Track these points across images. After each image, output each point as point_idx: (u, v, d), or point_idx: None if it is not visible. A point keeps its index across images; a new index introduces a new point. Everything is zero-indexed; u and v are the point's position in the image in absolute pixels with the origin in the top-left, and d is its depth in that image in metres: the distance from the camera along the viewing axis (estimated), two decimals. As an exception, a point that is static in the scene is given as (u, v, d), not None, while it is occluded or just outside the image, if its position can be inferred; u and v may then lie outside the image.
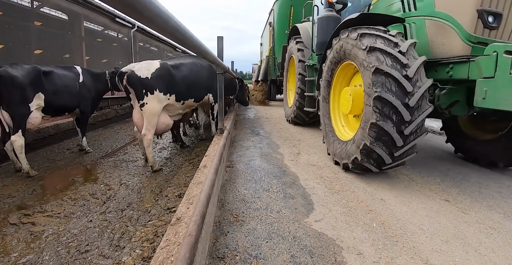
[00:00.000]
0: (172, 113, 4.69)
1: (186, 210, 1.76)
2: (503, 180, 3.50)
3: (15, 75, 3.88)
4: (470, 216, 2.50)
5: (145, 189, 3.71)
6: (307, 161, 4.09)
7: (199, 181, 2.30)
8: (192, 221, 1.43)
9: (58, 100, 4.57)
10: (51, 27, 9.21)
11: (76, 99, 4.96)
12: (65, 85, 4.73)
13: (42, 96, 4.26)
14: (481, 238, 2.13)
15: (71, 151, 5.53)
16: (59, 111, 4.76)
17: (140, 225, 2.77)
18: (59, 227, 2.79)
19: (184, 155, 5.24)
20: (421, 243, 2.00)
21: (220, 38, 3.97)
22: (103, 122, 8.33)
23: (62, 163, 4.77)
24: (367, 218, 2.37)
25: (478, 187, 3.24)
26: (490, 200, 2.87)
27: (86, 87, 5.21)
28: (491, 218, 2.48)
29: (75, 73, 5.06)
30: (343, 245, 1.94)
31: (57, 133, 6.12)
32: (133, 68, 4.11)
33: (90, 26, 11.08)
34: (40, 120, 4.36)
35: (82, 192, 3.60)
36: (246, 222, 2.24)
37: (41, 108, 4.31)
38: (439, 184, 3.28)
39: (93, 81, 5.44)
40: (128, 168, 4.53)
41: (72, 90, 4.86)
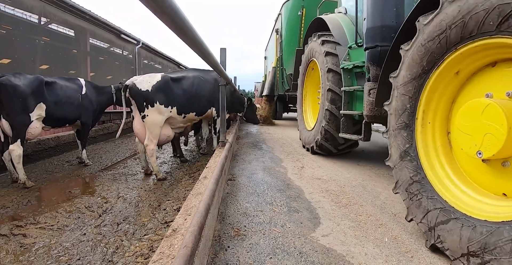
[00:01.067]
0: (173, 126, 4.66)
1: (183, 222, 1.63)
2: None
3: (17, 84, 3.85)
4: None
5: (143, 203, 3.57)
6: (311, 174, 3.96)
7: (198, 192, 2.17)
8: (189, 232, 1.30)
9: (60, 111, 4.53)
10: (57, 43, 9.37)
11: (78, 111, 4.92)
12: (67, 97, 4.70)
13: (43, 107, 4.21)
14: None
15: (70, 163, 5.43)
16: (60, 122, 4.71)
17: (136, 239, 2.61)
18: (50, 239, 2.65)
19: (185, 169, 5.11)
20: (438, 259, 1.84)
21: (223, 49, 3.95)
22: (104, 136, 8.27)
23: (60, 175, 4.66)
24: (377, 232, 2.21)
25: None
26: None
27: (89, 100, 5.18)
28: None
29: (78, 85, 5.05)
30: (354, 261, 1.78)
31: (57, 145, 6.05)
32: (135, 81, 4.20)
33: (95, 43, 11.27)
34: (40, 131, 4.29)
35: (77, 205, 3.46)
36: (248, 237, 2.09)
37: (41, 119, 4.26)
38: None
39: (96, 94, 5.43)
40: (127, 181, 4.41)
41: (74, 102, 4.83)
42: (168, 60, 19.82)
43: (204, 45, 1.53)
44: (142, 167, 4.74)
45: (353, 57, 4.29)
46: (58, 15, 8.24)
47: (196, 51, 1.56)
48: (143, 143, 4.32)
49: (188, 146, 7.25)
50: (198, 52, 1.61)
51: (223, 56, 3.90)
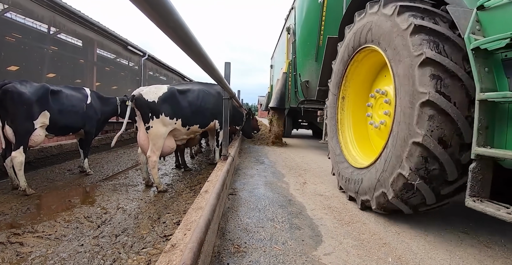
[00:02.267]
0: (177, 138, 4.67)
1: (183, 237, 1.60)
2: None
3: (23, 92, 3.89)
4: (493, 250, 2.28)
5: (143, 215, 3.52)
6: (313, 190, 3.91)
7: (199, 206, 2.14)
8: (188, 248, 1.27)
9: (64, 119, 4.56)
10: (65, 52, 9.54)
11: (82, 120, 4.94)
12: (72, 105, 4.74)
13: (47, 115, 4.24)
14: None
15: (72, 172, 5.41)
16: (63, 130, 4.73)
17: (134, 252, 2.56)
18: (47, 249, 2.60)
19: (186, 181, 5.07)
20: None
21: (228, 64, 4.00)
22: (107, 145, 8.27)
23: (61, 184, 4.64)
24: (381, 252, 2.16)
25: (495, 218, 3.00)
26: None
27: (93, 109, 5.21)
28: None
29: (83, 95, 5.09)
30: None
31: (59, 153, 6.05)
32: (141, 92, 4.22)
33: (102, 53, 11.46)
34: (43, 138, 4.30)
35: (77, 214, 3.42)
36: (249, 254, 2.04)
37: (45, 127, 4.28)
38: (456, 215, 3.06)
39: (100, 104, 5.47)
40: (128, 192, 4.37)
41: (79, 111, 4.86)
42: (173, 72, 20.05)
43: (208, 59, 1.54)
44: (143, 178, 4.71)
45: (494, 25, 2.01)
46: (67, 25, 8.42)
47: (201, 65, 1.57)
48: (146, 154, 4.32)
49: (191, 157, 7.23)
50: (203, 66, 1.62)
51: (227, 70, 3.94)
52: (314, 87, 7.07)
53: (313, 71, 7.57)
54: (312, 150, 8.68)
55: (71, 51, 9.79)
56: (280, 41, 11.74)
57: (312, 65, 7.68)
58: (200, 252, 1.39)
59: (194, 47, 1.25)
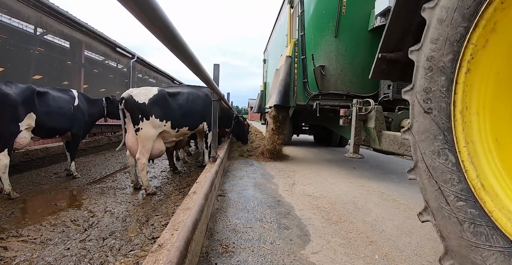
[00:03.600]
0: (166, 140, 4.64)
1: (170, 237, 1.59)
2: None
3: (8, 93, 3.81)
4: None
5: (131, 218, 3.49)
6: (302, 191, 3.93)
7: (187, 207, 2.14)
8: (174, 247, 1.27)
9: (50, 122, 4.47)
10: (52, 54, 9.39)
11: (69, 123, 4.87)
12: (59, 107, 4.66)
13: (33, 117, 4.16)
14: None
15: (58, 175, 5.31)
16: (50, 133, 4.64)
17: (121, 255, 2.54)
18: (32, 253, 2.55)
19: (175, 184, 5.04)
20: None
21: (216, 65, 4.00)
22: (94, 148, 8.16)
23: (47, 187, 4.55)
24: (368, 250, 2.19)
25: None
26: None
27: (81, 111, 5.14)
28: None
29: (70, 96, 5.02)
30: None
31: (45, 156, 5.94)
32: (132, 93, 4.17)
33: (90, 55, 11.31)
34: (28, 141, 4.22)
35: (63, 218, 3.37)
36: (237, 253, 2.05)
37: (31, 129, 4.20)
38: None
39: (88, 106, 5.40)
40: (116, 195, 4.32)
41: (66, 113, 4.79)
42: (162, 75, 19.92)
43: (195, 59, 1.55)
44: (131, 180, 4.66)
45: None
46: (55, 26, 8.29)
47: (188, 66, 1.58)
48: (134, 157, 4.28)
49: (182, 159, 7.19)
50: (190, 66, 1.63)
51: (216, 72, 3.95)
52: (334, 74, 5.57)
53: (331, 52, 5.57)
54: (313, 157, 8.74)
55: (58, 53, 9.64)
56: (275, 31, 10.05)
57: (330, 43, 5.61)
58: (188, 251, 1.39)
59: (180, 46, 1.26)
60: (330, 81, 5.70)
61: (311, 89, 5.97)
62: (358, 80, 5.57)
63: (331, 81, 5.68)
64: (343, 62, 5.55)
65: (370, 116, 3.66)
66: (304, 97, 6.10)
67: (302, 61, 6.12)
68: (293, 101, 6.19)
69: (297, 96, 6.15)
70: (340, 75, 5.62)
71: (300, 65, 6.20)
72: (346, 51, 5.51)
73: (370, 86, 5.44)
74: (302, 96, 6.14)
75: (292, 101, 6.19)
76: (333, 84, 5.66)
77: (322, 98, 5.82)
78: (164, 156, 6.38)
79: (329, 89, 5.72)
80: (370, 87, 5.45)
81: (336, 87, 5.66)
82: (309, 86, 6.01)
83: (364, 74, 5.36)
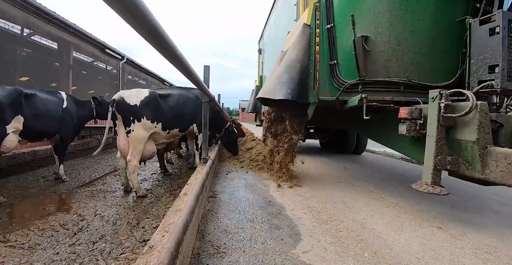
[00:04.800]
0: (157, 142, 4.63)
1: (161, 238, 1.59)
2: (492, 206, 3.47)
3: (-6, 96, 3.74)
4: (464, 242, 2.41)
5: (121, 221, 3.45)
6: (293, 191, 3.96)
7: (178, 208, 2.14)
8: (165, 248, 1.28)
9: (38, 124, 4.40)
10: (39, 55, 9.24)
11: (57, 125, 4.79)
12: (47, 110, 4.59)
13: (21, 119, 4.09)
14: (478, 263, 2.01)
15: (46, 179, 5.22)
16: (38, 136, 4.57)
17: (112, 258, 2.52)
18: (21, 259, 2.51)
19: (166, 186, 5.01)
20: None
21: (207, 67, 4.01)
22: (83, 151, 8.05)
23: (35, 191, 4.47)
24: (358, 247, 2.23)
25: (468, 213, 3.18)
26: (482, 226, 2.80)
27: (69, 114, 5.07)
28: (486, 243, 2.39)
29: (59, 99, 4.95)
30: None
31: (33, 159, 5.83)
32: (123, 95, 4.16)
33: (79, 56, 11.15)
34: (16, 144, 4.14)
35: (51, 222, 3.31)
36: (228, 254, 2.06)
37: (18, 132, 4.12)
38: (429, 211, 3.21)
39: (76, 108, 5.33)
40: (105, 199, 4.27)
41: (54, 116, 4.72)
42: (152, 77, 19.77)
43: (184, 61, 1.56)
44: (121, 183, 4.62)
45: None
46: (42, 27, 8.16)
47: (178, 68, 1.59)
48: (125, 159, 4.25)
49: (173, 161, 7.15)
50: (180, 68, 1.64)
51: (207, 74, 3.95)
52: (385, 50, 3.58)
53: (381, 14, 3.59)
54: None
55: (46, 54, 9.48)
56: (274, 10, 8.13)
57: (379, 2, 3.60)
58: (178, 252, 1.40)
59: (170, 48, 1.27)
60: (378, 61, 3.59)
61: (344, 75, 3.81)
62: (425, 60, 3.52)
63: (380, 62, 3.58)
64: (401, 30, 3.49)
65: (466, 121, 2.39)
66: (331, 88, 3.93)
67: (328, 32, 3.95)
68: (314, 96, 3.89)
69: (320, 88, 3.93)
70: (395, 52, 3.52)
71: (324, 39, 3.98)
72: (406, 12, 3.46)
73: (447, 70, 3.53)
74: (328, 87, 3.94)
75: (313, 95, 3.89)
76: (383, 67, 3.58)
77: (363, 89, 3.67)
78: (155, 158, 6.35)
79: (376, 74, 3.61)
80: (446, 72, 3.53)
81: (389, 72, 3.56)
82: (340, 72, 3.85)
83: (435, 49, 3.49)
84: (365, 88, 3.68)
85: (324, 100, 3.94)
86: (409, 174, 5.58)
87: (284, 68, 3.91)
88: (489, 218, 3.07)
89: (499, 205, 3.61)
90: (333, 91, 3.92)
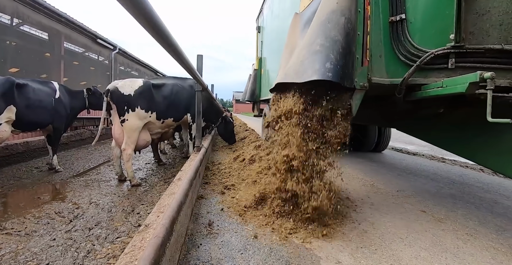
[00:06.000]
0: (152, 131, 4.67)
1: (156, 218, 1.66)
2: (475, 192, 3.61)
3: (-15, 86, 3.73)
4: (446, 224, 2.53)
5: (117, 208, 3.52)
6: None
7: (172, 192, 2.21)
8: (160, 225, 1.35)
9: (31, 115, 4.40)
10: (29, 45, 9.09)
11: (50, 115, 4.79)
12: (40, 100, 4.58)
13: (13, 109, 4.09)
14: (459, 244, 2.13)
15: (40, 169, 5.24)
16: (30, 126, 4.57)
17: (108, 242, 2.59)
18: (18, 245, 2.56)
19: (160, 175, 5.07)
20: (400, 250, 1.98)
21: (200, 56, 4.03)
22: (76, 142, 8.03)
23: (29, 181, 4.50)
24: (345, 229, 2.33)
25: (452, 198, 3.31)
26: (465, 210, 2.93)
27: (62, 104, 5.06)
28: (467, 226, 2.51)
29: (51, 89, 4.93)
30: (322, 254, 1.88)
31: (26, 150, 5.82)
32: (117, 85, 4.20)
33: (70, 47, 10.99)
34: (8, 134, 4.15)
35: (47, 210, 3.36)
36: (221, 235, 2.14)
37: (11, 122, 4.13)
38: (415, 196, 3.33)
39: (69, 98, 5.32)
40: (100, 188, 4.32)
41: (47, 106, 4.71)
42: (145, 67, 19.57)
43: (178, 48, 1.60)
44: (116, 172, 4.66)
45: None
46: (32, 16, 8.02)
47: (171, 53, 1.63)
48: (120, 148, 4.29)
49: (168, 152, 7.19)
50: (173, 54, 1.68)
51: (200, 63, 3.98)
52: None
53: None
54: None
55: (37, 44, 9.33)
56: None
57: None
58: (173, 230, 1.47)
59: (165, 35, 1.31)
60: (492, 16, 2.16)
61: (420, 41, 2.37)
62: None
63: (494, 16, 2.15)
64: None
65: None
66: (391, 64, 2.46)
67: None
68: (363, 76, 2.36)
69: (373, 64, 2.43)
70: None
71: None
72: None
73: None
74: (385, 62, 2.47)
75: (361, 76, 2.36)
76: (498, 26, 2.15)
77: (457, 64, 2.24)
78: (148, 149, 6.38)
79: (486, 39, 2.18)
80: None
81: (510, 32, 2.13)
82: (411, 34, 2.39)
83: None
84: (461, 63, 2.21)
85: (378, 85, 2.37)
86: (466, 181, 4.36)
87: (317, 28, 2.32)
88: (473, 203, 3.20)
89: (482, 191, 3.75)
90: (394, 69, 2.41)
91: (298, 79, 2.24)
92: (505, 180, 4.43)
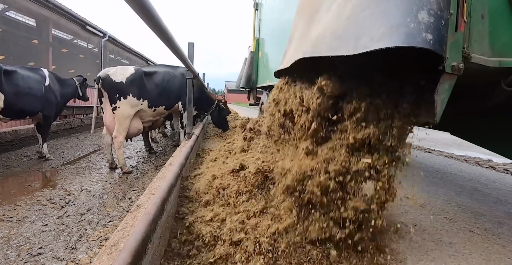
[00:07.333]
0: (143, 119, 4.69)
1: (147, 199, 1.72)
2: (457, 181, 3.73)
3: (-29, 72, 3.68)
4: (427, 209, 2.63)
5: (108, 195, 3.56)
6: (276, 167, 4.11)
7: (163, 175, 2.26)
8: (151, 203, 1.41)
9: (20, 102, 4.37)
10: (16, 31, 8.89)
11: (40, 103, 4.76)
12: (29, 87, 4.54)
13: (1, 96, 4.06)
14: (437, 226, 2.23)
15: (30, 158, 5.22)
16: (20, 114, 4.54)
17: (100, 226, 2.64)
18: (10, 230, 2.60)
19: (151, 163, 5.11)
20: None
21: (191, 44, 4.03)
22: (66, 131, 7.97)
23: (19, 169, 4.49)
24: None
25: (435, 186, 3.41)
26: (446, 196, 3.04)
27: (52, 92, 5.02)
28: (447, 211, 2.61)
29: (41, 76, 4.88)
30: None
31: (14, 139, 5.77)
32: (108, 72, 4.18)
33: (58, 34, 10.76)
34: (-3, 122, 4.12)
35: (38, 197, 3.39)
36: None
37: (-1, 110, 4.09)
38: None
39: (59, 86, 5.28)
40: (91, 175, 4.34)
41: (36, 93, 4.67)
42: (136, 56, 19.28)
43: (169, 34, 1.63)
44: (107, 160, 4.68)
45: None
46: (18, 1, 7.81)
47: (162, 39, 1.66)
48: (111, 135, 4.30)
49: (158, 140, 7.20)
50: (166, 42, 1.71)
51: (191, 50, 3.98)
52: None
53: None
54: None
55: (23, 31, 9.13)
56: None
57: None
58: (164, 209, 1.53)
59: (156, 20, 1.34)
60: None
61: None
62: None
63: None
64: None
65: None
66: (500, 36, 1.39)
67: None
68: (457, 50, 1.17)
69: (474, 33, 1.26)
70: None
71: None
72: None
73: None
74: (500, 29, 1.39)
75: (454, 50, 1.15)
76: None
77: None
78: (139, 137, 6.39)
79: None
80: None
81: None
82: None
83: None
84: None
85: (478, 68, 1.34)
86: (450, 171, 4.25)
87: None
88: (454, 191, 3.31)
89: (464, 180, 3.88)
90: (508, 40, 1.44)
91: (346, 50, 1.17)
92: (486, 170, 4.59)
